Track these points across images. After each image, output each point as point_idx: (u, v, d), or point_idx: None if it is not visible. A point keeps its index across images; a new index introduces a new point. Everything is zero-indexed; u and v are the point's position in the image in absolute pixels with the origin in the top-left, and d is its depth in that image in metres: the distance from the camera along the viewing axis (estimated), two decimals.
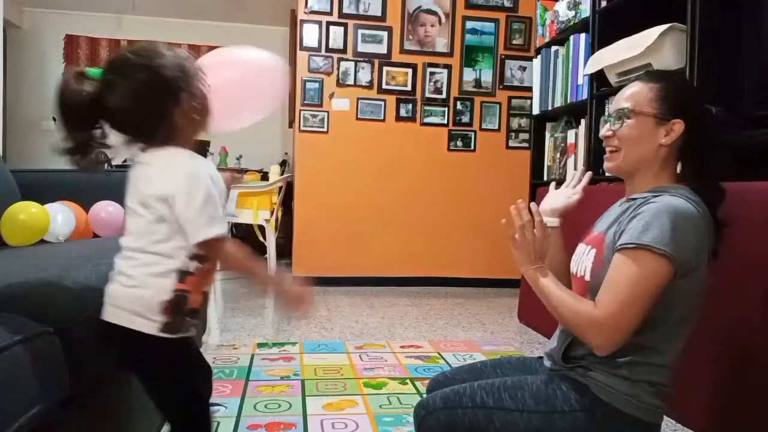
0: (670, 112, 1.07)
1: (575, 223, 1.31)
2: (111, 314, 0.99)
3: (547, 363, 1.16)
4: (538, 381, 1.08)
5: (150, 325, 0.97)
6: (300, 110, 4.09)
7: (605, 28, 2.66)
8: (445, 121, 4.22)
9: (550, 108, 3.34)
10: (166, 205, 0.97)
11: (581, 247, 1.17)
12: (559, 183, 1.35)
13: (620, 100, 1.13)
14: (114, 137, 1.03)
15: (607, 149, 1.15)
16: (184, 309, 0.99)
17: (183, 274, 0.99)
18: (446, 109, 4.21)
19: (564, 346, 1.09)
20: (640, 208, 1.02)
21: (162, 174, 0.99)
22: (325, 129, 4.11)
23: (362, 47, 4.10)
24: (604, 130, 1.15)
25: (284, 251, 4.97)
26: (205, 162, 1.05)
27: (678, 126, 1.07)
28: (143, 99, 0.97)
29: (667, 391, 1.03)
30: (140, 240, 1.00)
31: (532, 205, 1.09)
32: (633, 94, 1.11)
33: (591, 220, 1.24)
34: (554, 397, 1.03)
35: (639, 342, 0.99)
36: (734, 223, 1.09)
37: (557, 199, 1.30)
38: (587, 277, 1.10)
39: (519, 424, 1.01)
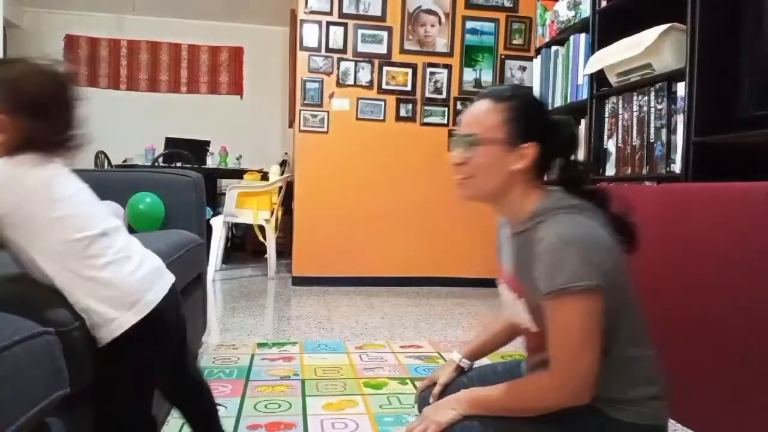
0: (519, 136, 1.00)
1: None
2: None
3: None
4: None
5: None
6: (300, 110, 4.09)
7: (605, 28, 2.66)
8: (445, 121, 4.22)
9: (550, 108, 3.34)
10: None
11: (505, 293, 1.12)
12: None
13: (468, 123, 1.05)
14: None
15: (460, 177, 1.06)
16: None
17: None
18: (446, 109, 4.21)
19: None
20: (534, 248, 0.97)
21: None
22: (325, 129, 4.11)
23: (362, 47, 4.10)
24: (454, 158, 1.06)
25: (284, 251, 4.97)
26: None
27: (531, 150, 1.01)
28: None
29: (664, 390, 1.02)
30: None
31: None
32: (479, 117, 1.03)
33: None
34: (571, 421, 0.97)
35: (616, 366, 0.97)
36: (728, 223, 1.08)
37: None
38: (534, 329, 1.04)
39: None
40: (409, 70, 4.15)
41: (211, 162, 5.66)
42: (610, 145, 2.55)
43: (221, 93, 6.33)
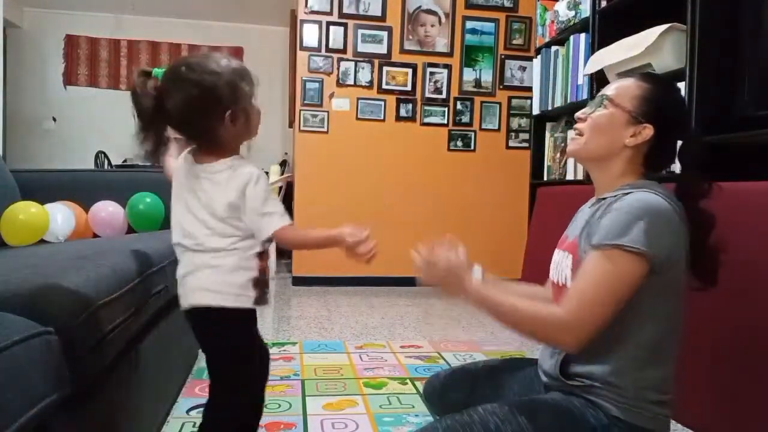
0: (644, 115, 1.04)
1: (553, 229, 1.30)
2: (204, 298, 1.15)
3: (543, 378, 1.12)
4: (549, 399, 1.03)
5: (246, 300, 1.16)
6: (300, 110, 4.09)
7: (605, 28, 2.67)
8: (445, 121, 4.22)
9: (550, 108, 3.34)
10: (236, 210, 1.12)
11: (558, 254, 1.14)
12: None
13: (609, 88, 1.11)
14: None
15: (575, 131, 1.12)
16: (266, 283, 1.19)
17: (261, 255, 1.18)
18: (446, 109, 4.21)
19: (559, 362, 1.05)
20: (611, 206, 0.99)
21: (227, 185, 1.12)
22: (325, 129, 4.11)
23: (362, 47, 4.10)
24: (579, 112, 1.12)
25: (284, 251, 4.97)
26: (254, 167, 1.17)
27: (647, 131, 1.04)
28: (191, 111, 1.08)
29: (671, 400, 1.01)
30: (223, 241, 1.14)
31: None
32: (620, 87, 1.09)
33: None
34: (572, 415, 0.98)
35: (634, 352, 0.98)
36: (732, 222, 1.07)
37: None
38: (568, 284, 1.06)
39: None
40: (409, 70, 4.15)
41: None
42: None
43: None
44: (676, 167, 1.12)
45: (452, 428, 0.95)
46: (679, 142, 1.10)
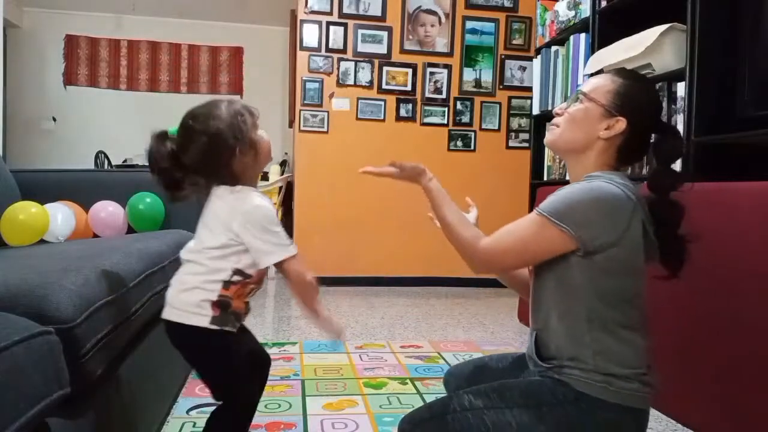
0: (617, 108, 1.09)
1: None
2: (170, 314, 1.21)
3: (530, 365, 1.17)
4: (522, 381, 1.10)
5: (201, 319, 1.19)
6: (300, 110, 4.09)
7: (605, 28, 2.66)
8: (445, 121, 4.22)
9: (550, 108, 3.34)
10: (231, 233, 1.19)
11: None
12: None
13: (586, 84, 1.16)
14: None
15: (552, 125, 1.18)
16: (228, 310, 1.21)
17: (227, 284, 1.21)
18: (446, 109, 4.21)
19: (533, 345, 1.11)
20: None
21: (231, 210, 1.20)
22: (325, 129, 4.11)
23: (362, 47, 4.10)
24: (557, 107, 1.18)
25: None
26: (265, 198, 1.27)
27: (620, 124, 1.08)
28: (206, 156, 1.21)
29: (644, 375, 1.04)
30: (201, 254, 1.22)
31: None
32: (595, 82, 1.14)
33: None
34: (541, 392, 1.05)
35: (588, 328, 1.03)
36: (732, 222, 1.08)
37: None
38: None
39: (510, 422, 1.02)
40: (409, 70, 4.15)
41: None
42: None
43: (221, 93, 6.33)
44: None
45: (433, 405, 1.10)
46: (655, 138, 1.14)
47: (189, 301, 1.19)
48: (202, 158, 1.22)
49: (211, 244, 1.20)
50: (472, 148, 4.25)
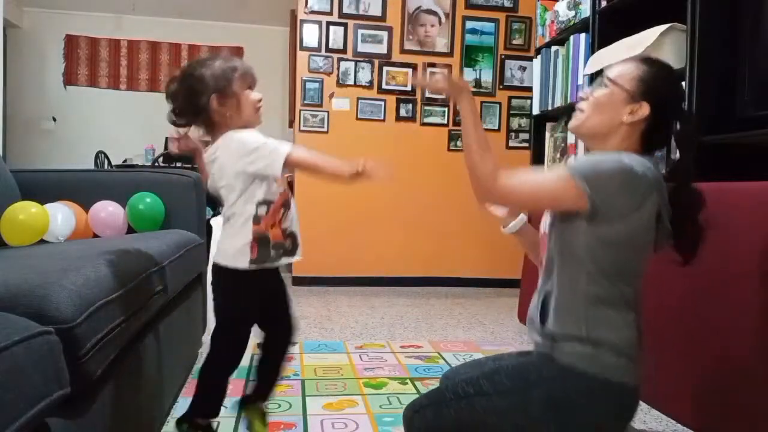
0: (641, 93, 1.12)
1: None
2: (217, 257, 1.37)
3: (529, 327, 1.20)
4: (512, 362, 1.15)
5: (244, 260, 1.31)
6: (300, 110, 4.09)
7: (605, 28, 2.66)
8: (445, 121, 4.22)
9: (550, 108, 3.34)
10: (241, 176, 1.30)
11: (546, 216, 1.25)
12: None
13: (611, 70, 1.18)
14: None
15: (577, 110, 1.20)
16: (269, 245, 1.33)
17: (257, 219, 1.32)
18: (446, 109, 4.21)
19: (539, 307, 1.14)
20: None
21: (227, 158, 1.31)
22: (325, 129, 4.11)
23: (362, 47, 4.10)
24: (582, 92, 1.21)
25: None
26: (245, 130, 1.35)
27: (643, 109, 1.11)
28: (185, 98, 1.34)
29: (632, 352, 1.05)
30: (231, 208, 1.34)
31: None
32: (621, 68, 1.17)
33: None
34: (527, 371, 1.08)
35: (590, 305, 1.05)
36: (732, 222, 1.09)
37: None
38: (545, 234, 1.18)
39: (500, 406, 1.05)
40: (409, 70, 4.15)
41: None
42: None
43: None
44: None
45: (431, 393, 1.18)
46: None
47: (231, 245, 1.32)
48: (183, 99, 1.34)
49: (234, 198, 1.31)
50: None
